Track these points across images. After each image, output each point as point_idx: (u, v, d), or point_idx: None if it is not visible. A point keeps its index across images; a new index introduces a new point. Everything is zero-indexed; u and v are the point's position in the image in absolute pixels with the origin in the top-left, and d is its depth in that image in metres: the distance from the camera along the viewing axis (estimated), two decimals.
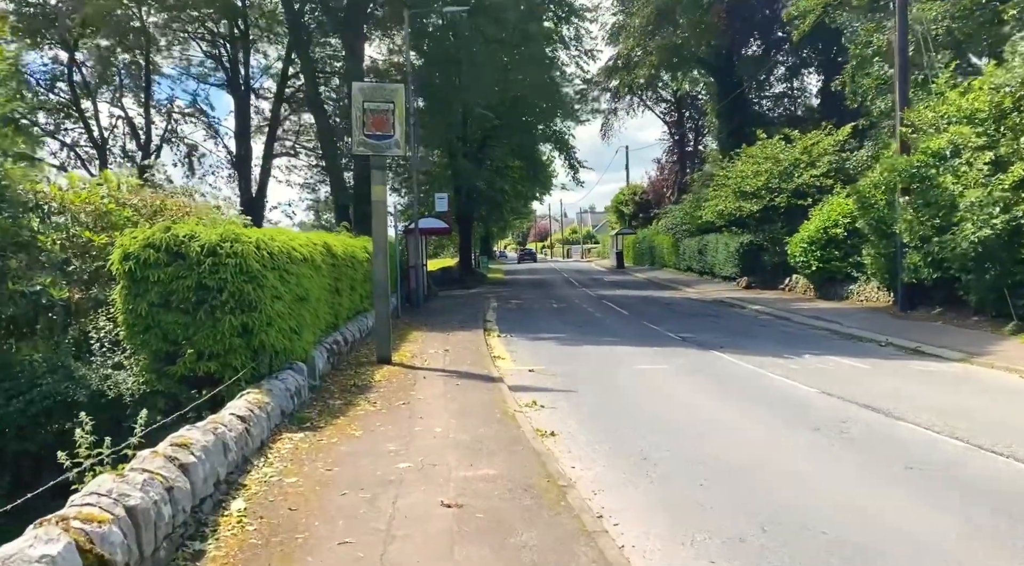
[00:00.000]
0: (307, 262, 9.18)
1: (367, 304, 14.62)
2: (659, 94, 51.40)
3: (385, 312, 10.85)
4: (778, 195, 27.63)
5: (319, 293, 9.88)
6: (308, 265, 9.23)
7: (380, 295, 10.83)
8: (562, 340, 14.80)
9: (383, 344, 10.88)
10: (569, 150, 38.87)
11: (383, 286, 10.78)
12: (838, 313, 18.69)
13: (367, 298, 14.60)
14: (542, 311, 21.68)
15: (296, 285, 8.57)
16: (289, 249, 8.45)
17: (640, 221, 56.34)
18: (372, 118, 10.60)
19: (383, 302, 10.81)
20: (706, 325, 17.41)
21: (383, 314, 10.84)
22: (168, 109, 35.90)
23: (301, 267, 8.80)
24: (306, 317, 8.84)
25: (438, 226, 24.35)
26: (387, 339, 10.94)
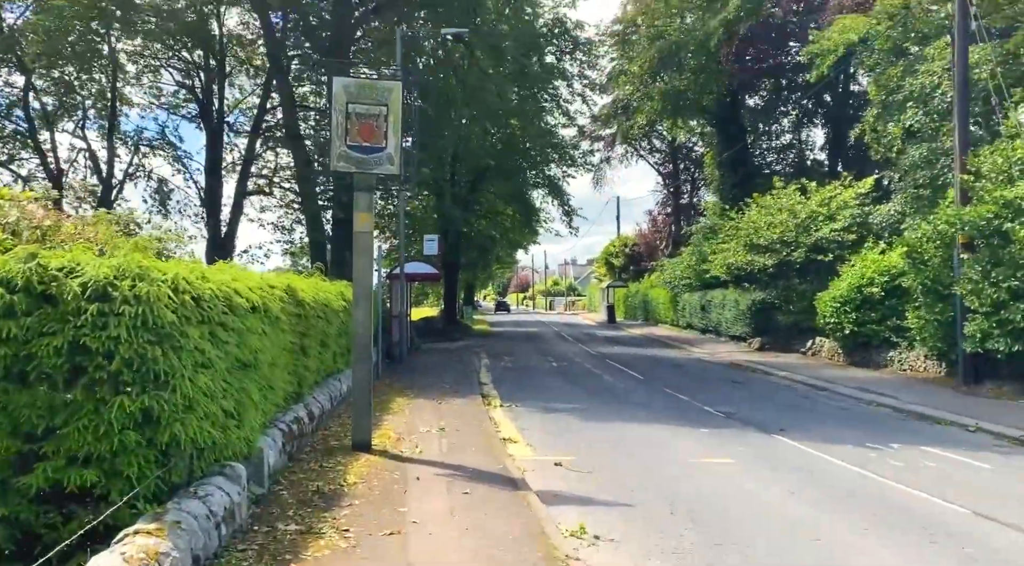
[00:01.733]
0: (258, 313, 6.50)
1: (342, 363, 11.89)
2: (653, 144, 49.86)
3: (366, 380, 8.14)
4: (795, 249, 25.46)
5: (276, 355, 7.17)
6: (260, 317, 6.54)
7: (361, 357, 8.14)
8: (579, 412, 12.12)
9: (361, 424, 8.15)
10: (563, 196, 36.72)
11: (365, 344, 8.10)
12: (884, 384, 16.25)
13: (342, 356, 11.88)
14: (542, 371, 18.99)
15: (238, 346, 5.88)
16: (229, 293, 5.77)
17: (631, 274, 54.19)
18: (359, 125, 8.08)
19: (363, 366, 8.11)
20: (739, 396, 14.84)
21: (363, 383, 8.13)
22: (135, 141, 33.31)
23: (248, 319, 6.11)
24: (252, 392, 6.13)
25: (426, 271, 21.75)
26: (367, 416, 8.21)
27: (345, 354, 12.57)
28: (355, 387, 8.23)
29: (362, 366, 8.10)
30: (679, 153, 48.32)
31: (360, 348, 8.08)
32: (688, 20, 34.73)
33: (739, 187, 34.25)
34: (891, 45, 23.22)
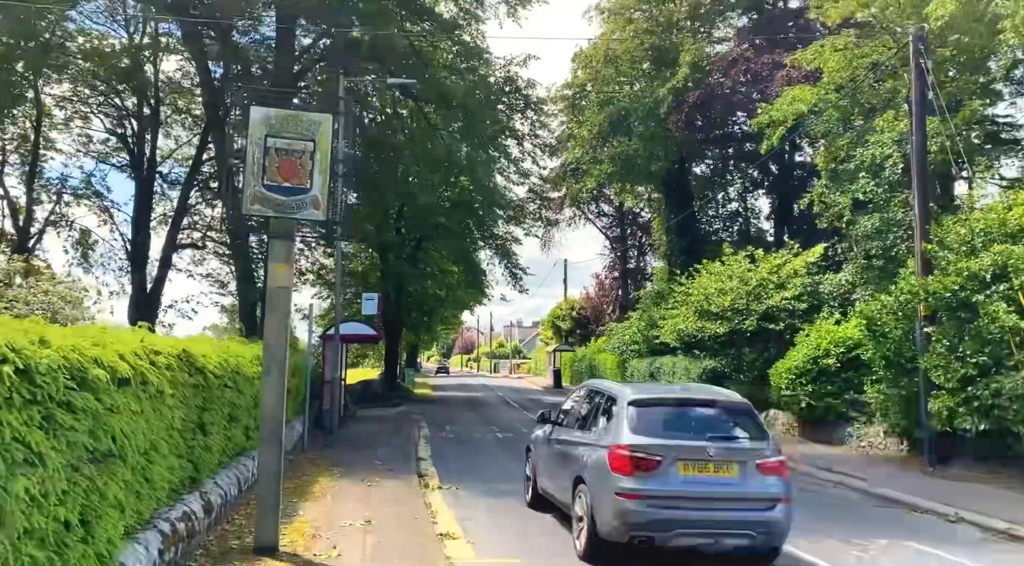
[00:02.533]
0: (132, 386, 5.12)
1: (257, 439, 10.33)
2: (601, 208, 49.84)
3: (274, 468, 6.71)
4: (747, 317, 24.90)
5: (157, 438, 5.74)
6: (134, 391, 5.16)
7: (270, 437, 6.73)
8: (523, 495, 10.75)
9: (267, 522, 6.67)
10: (511, 257, 35.88)
11: (275, 423, 6.72)
12: (847, 463, 15.38)
13: (257, 431, 10.33)
14: (485, 444, 17.57)
15: (92, 432, 4.48)
16: (82, 363, 4.40)
17: (577, 337, 53.36)
18: (279, 161, 6.89)
19: (272, 451, 6.69)
20: None
21: (270, 471, 6.70)
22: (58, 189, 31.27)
23: (111, 396, 4.72)
24: (111, 490, 4.70)
25: (365, 333, 20.27)
26: (274, 512, 6.74)
27: None
28: (261, 477, 6.79)
29: (270, 450, 6.68)
30: (626, 218, 48.33)
31: (269, 427, 6.69)
32: (636, 87, 35.01)
33: (687, 253, 34.02)
34: (839, 115, 23.36)
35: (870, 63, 22.68)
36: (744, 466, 7.15)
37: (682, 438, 7.21)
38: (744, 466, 7.15)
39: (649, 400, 7.78)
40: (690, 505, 6.84)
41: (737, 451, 7.33)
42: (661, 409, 7.75)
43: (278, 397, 6.71)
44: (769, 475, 7.22)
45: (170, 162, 33.03)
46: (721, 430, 7.53)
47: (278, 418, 6.70)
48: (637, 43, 32.88)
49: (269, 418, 6.70)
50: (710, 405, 7.93)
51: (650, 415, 7.47)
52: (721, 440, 7.32)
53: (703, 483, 6.97)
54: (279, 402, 6.72)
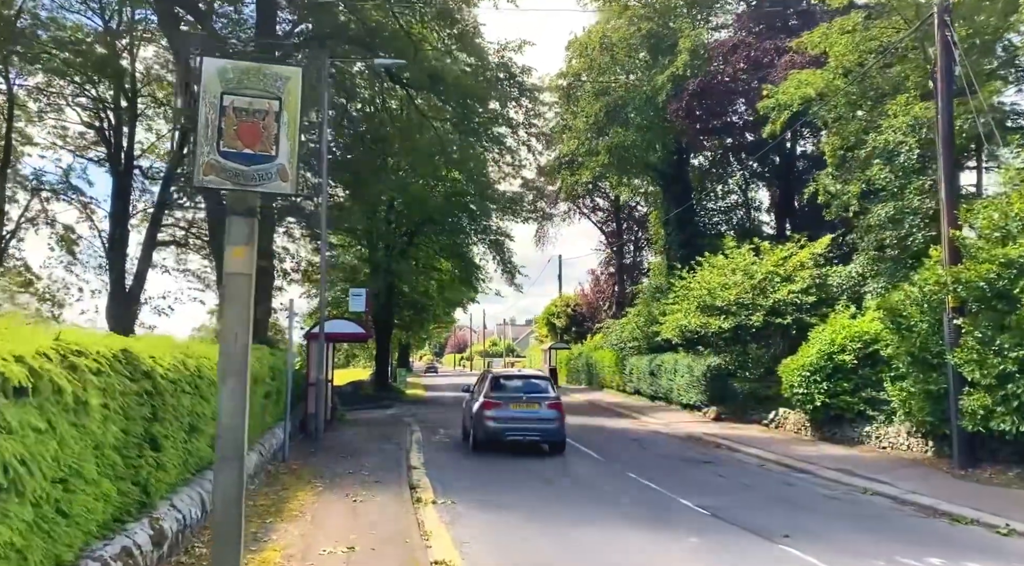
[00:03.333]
0: (33, 397, 3.97)
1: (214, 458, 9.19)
2: (596, 203, 48.79)
3: (232, 493, 5.53)
4: (753, 312, 23.88)
5: (77, 462, 4.59)
6: (38, 405, 4.01)
7: (228, 455, 5.55)
8: (532, 512, 9.64)
9: (225, 556, 5.51)
10: (505, 252, 34.74)
11: (234, 435, 5.54)
12: (869, 466, 14.33)
13: None
14: None
15: None
16: None
17: (573, 335, 52.33)
18: (238, 124, 5.74)
19: (229, 473, 5.51)
20: (715, 483, 12.65)
21: (228, 498, 5.52)
22: (34, 185, 29.93)
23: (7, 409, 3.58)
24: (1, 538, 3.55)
25: (353, 331, 19.08)
26: (234, 544, 5.56)
27: None
28: (216, 505, 5.62)
29: (228, 471, 5.52)
30: (622, 213, 47.27)
31: (226, 444, 5.53)
32: (633, 78, 33.92)
33: (685, 247, 32.98)
34: (848, 100, 22.34)
35: (879, 45, 21.65)
36: (540, 403, 15.25)
37: (512, 392, 15.39)
38: (540, 403, 15.25)
39: (501, 375, 17.06)
40: (514, 422, 14.74)
41: (536, 397, 15.39)
42: (506, 380, 16.54)
43: (238, 407, 5.56)
44: (552, 409, 15.22)
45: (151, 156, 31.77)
46: (532, 388, 15.82)
47: (238, 433, 5.55)
48: (634, 30, 31.77)
49: (226, 432, 5.54)
50: (528, 377, 17.09)
51: (500, 383, 16.15)
52: (530, 392, 15.48)
53: (521, 413, 14.92)
54: (239, 413, 5.57)
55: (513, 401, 15.15)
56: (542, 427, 15.04)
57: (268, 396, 12.65)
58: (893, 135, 19.95)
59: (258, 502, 9.22)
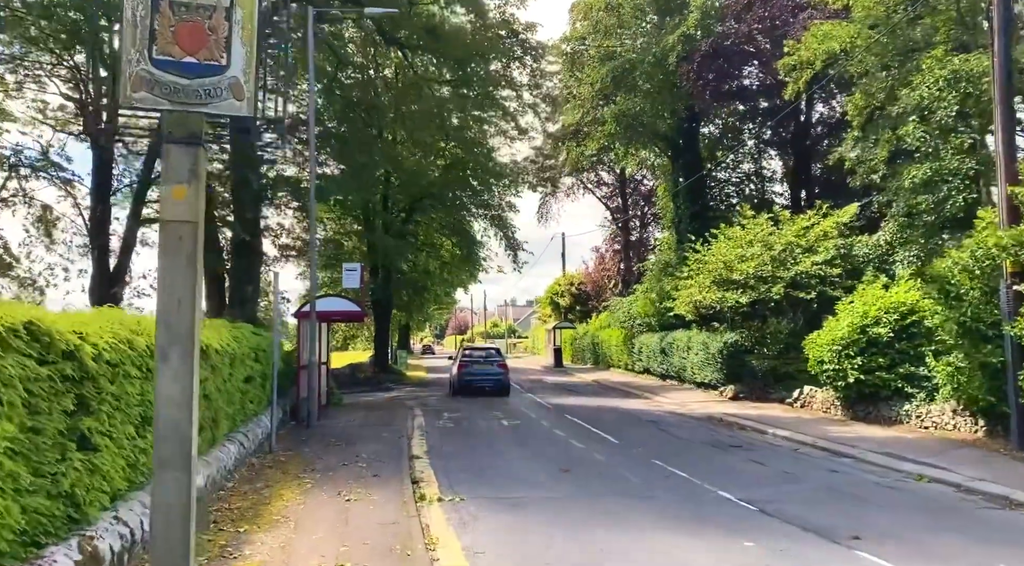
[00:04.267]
0: None
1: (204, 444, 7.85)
2: (600, 177, 47.23)
3: (179, 503, 4.17)
4: (773, 286, 22.52)
5: None
6: None
7: (170, 459, 4.16)
8: (553, 509, 8.32)
9: None
10: (508, 228, 33.31)
11: (177, 432, 4.19)
12: (915, 448, 13.05)
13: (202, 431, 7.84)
14: (491, 434, 15.14)
15: None
16: None
17: (578, 314, 51.02)
18: (177, 25, 4.34)
19: (173, 478, 4.12)
20: (750, 471, 11.36)
21: (172, 513, 4.15)
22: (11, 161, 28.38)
23: None
24: None
25: (346, 309, 17.67)
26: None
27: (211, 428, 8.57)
28: (154, 529, 4.25)
29: (171, 480, 4.14)
30: (628, 187, 45.74)
31: (168, 445, 4.16)
32: (640, 42, 32.27)
33: (696, 220, 31.49)
34: (878, 53, 20.80)
35: None
36: (492, 365, 24.42)
37: (475, 358, 25.15)
38: (492, 365, 24.42)
39: (468, 348, 28.85)
40: (476, 376, 23.82)
41: (490, 360, 24.75)
42: (472, 350, 26.90)
43: (183, 395, 4.20)
44: (500, 368, 24.38)
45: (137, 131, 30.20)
46: (487, 355, 25.69)
47: (183, 428, 4.20)
48: None
49: (166, 428, 4.19)
50: (485, 348, 28.69)
51: (468, 352, 26.33)
52: (486, 358, 25.30)
53: (482, 370, 24.03)
54: (185, 402, 4.21)
55: (476, 363, 24.87)
56: (493, 378, 24.34)
57: (250, 380, 11.32)
58: (928, 90, 18.45)
59: (233, 504, 7.91)
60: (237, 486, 8.90)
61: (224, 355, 8.95)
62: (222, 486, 8.63)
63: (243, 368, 10.47)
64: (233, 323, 11.51)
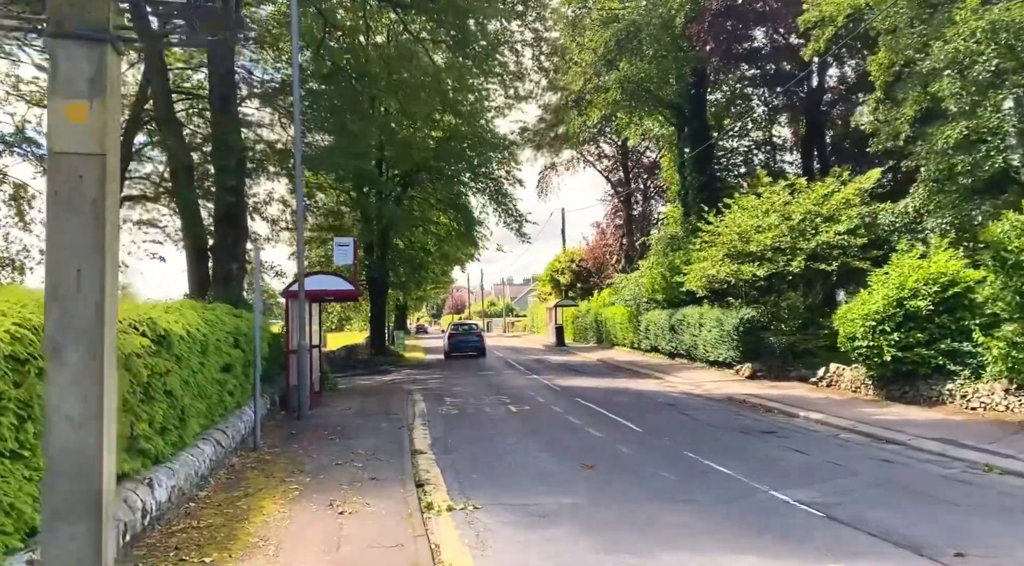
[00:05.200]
0: None
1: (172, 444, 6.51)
2: (602, 150, 45.69)
3: None
4: (792, 257, 21.22)
5: None
6: None
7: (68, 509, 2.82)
8: (584, 522, 7.03)
9: None
10: (508, 202, 31.85)
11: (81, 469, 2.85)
12: (969, 433, 11.81)
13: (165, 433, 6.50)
14: (499, 423, 13.84)
15: None
16: None
17: (578, 292, 49.72)
18: None
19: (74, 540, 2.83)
20: (795, 463, 10.10)
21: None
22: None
23: None
24: None
25: (338, 287, 16.25)
26: None
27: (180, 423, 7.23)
28: None
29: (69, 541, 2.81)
30: (630, 159, 44.23)
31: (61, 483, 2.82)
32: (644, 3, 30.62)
33: (704, 191, 30.11)
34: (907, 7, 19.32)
35: None
36: (472, 335, 35.73)
37: (460, 331, 36.78)
38: (472, 335, 35.73)
39: (456, 324, 41.51)
40: (460, 343, 34.69)
41: (471, 333, 36.36)
42: (458, 325, 39.19)
43: (86, 411, 2.86)
44: (477, 337, 35.64)
45: None
46: (469, 329, 37.78)
47: (87, 460, 2.86)
48: None
49: (62, 461, 2.86)
50: (468, 324, 42.23)
51: (456, 326, 38.80)
52: (467, 331, 36.95)
53: (465, 339, 35.02)
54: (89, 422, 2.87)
55: (461, 335, 35.44)
56: (472, 344, 34.45)
57: (230, 369, 9.97)
58: (965, 43, 17.02)
59: (204, 520, 6.60)
60: (211, 495, 7.59)
61: (192, 342, 7.61)
62: (192, 496, 7.32)
63: (219, 356, 9.12)
64: (207, 304, 10.15)
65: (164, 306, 7.70)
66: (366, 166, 22.26)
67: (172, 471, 6.69)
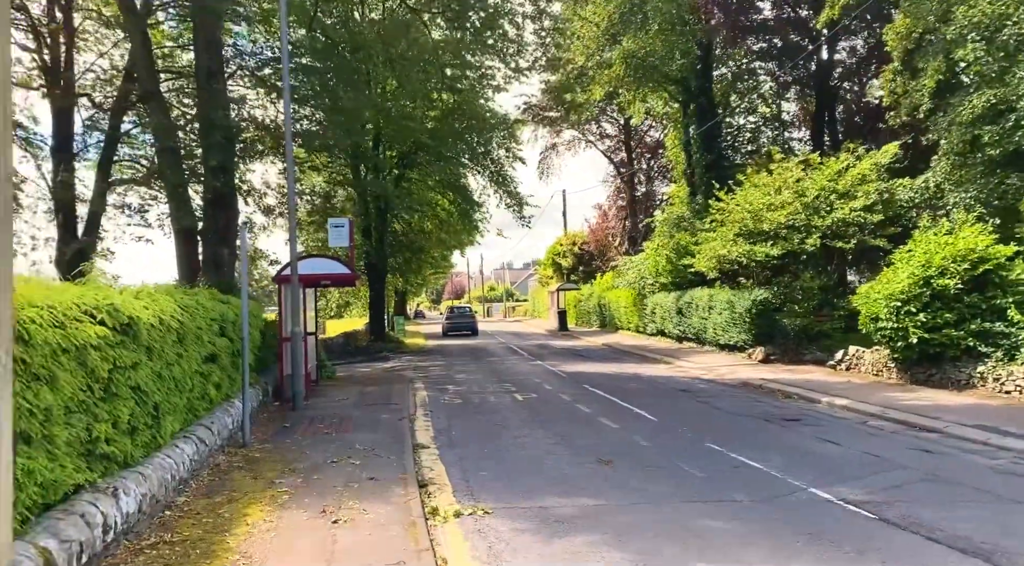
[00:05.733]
0: None
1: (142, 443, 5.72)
2: (604, 129, 44.71)
3: None
4: (807, 236, 20.42)
5: None
6: None
7: None
8: (610, 529, 6.24)
9: None
10: (509, 184, 30.96)
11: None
12: (1010, 419, 11.06)
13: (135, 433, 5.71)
14: (506, 413, 13.07)
15: None
16: None
17: (581, 275, 48.91)
18: None
19: None
20: (831, 455, 9.33)
21: None
22: None
23: None
24: None
25: (334, 271, 15.38)
26: None
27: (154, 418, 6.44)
28: None
29: None
30: (632, 139, 43.25)
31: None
32: None
33: (711, 170, 29.23)
34: None
35: None
36: (466, 317, 44.23)
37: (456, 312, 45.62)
38: (466, 317, 44.23)
39: (452, 307, 50.98)
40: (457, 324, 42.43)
41: (465, 314, 45.24)
42: (454, 309, 48.16)
43: None
44: (471, 318, 44.19)
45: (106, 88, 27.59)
46: (463, 311, 46.64)
47: None
48: None
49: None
50: (462, 308, 48.79)
51: (452, 309, 48.46)
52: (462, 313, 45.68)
53: (460, 321, 42.96)
54: None
55: (457, 317, 43.25)
56: (467, 324, 41.71)
57: (214, 359, 9.16)
58: (992, 6, 16.13)
59: (179, 533, 5.82)
60: (191, 501, 6.81)
61: (166, 331, 6.80)
62: (170, 503, 6.54)
63: (200, 346, 8.31)
64: (188, 290, 9.33)
65: (134, 291, 6.88)
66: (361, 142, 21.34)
67: (143, 476, 5.90)
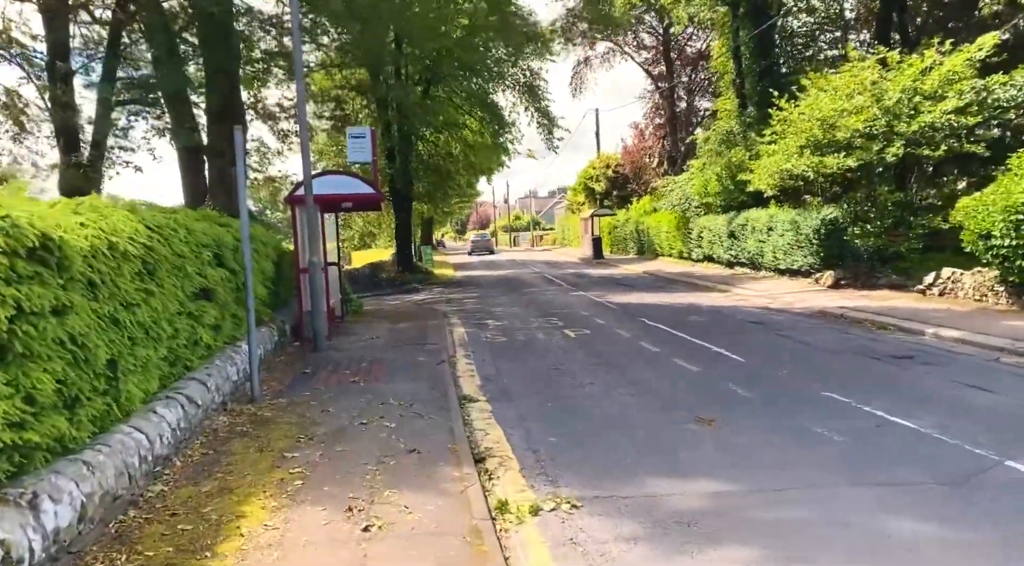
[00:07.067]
0: None
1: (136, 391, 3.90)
2: (640, 39, 41.40)
3: None
4: (888, 144, 17.91)
5: None
6: None
7: None
8: (748, 528, 4.39)
9: None
10: (541, 101, 28.43)
11: None
12: None
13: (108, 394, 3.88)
14: (560, 353, 11.18)
15: None
16: None
17: (615, 200, 46.43)
18: None
19: None
20: (981, 404, 7.37)
21: None
22: None
23: None
24: None
25: (356, 191, 13.18)
26: None
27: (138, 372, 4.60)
28: None
29: None
30: (672, 50, 39.96)
31: None
32: None
33: (765, 78, 26.39)
34: None
35: None
36: (487, 241, 66.90)
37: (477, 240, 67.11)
38: (487, 241, 66.90)
39: (476, 236, 73.43)
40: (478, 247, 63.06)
41: (485, 240, 67.46)
42: (476, 238, 69.46)
43: None
44: (489, 242, 67.36)
45: None
46: (484, 237, 69.94)
47: None
48: None
49: None
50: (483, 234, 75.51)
51: (474, 238, 70.24)
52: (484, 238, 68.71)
53: (481, 243, 64.61)
54: None
55: (478, 243, 63.90)
56: (484, 245, 63.01)
57: (209, 296, 7.32)
58: None
59: (135, 556, 4.03)
60: (169, 491, 5.03)
61: (121, 259, 4.93)
62: (135, 497, 4.77)
63: (183, 278, 6.46)
64: (167, 208, 7.40)
65: (72, 203, 4.97)
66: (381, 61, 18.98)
67: (90, 467, 4.11)
